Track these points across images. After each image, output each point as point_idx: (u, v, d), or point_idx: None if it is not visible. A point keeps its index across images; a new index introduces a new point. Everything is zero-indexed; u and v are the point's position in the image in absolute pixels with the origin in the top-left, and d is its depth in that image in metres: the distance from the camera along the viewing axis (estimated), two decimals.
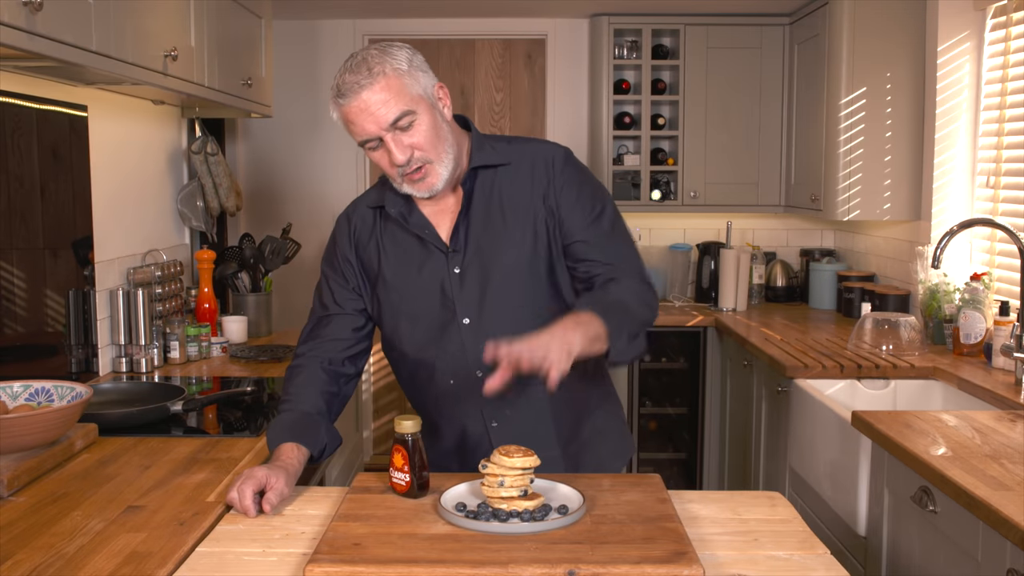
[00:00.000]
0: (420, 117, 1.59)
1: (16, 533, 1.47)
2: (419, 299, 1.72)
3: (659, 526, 1.38)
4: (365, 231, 1.78)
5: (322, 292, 1.82)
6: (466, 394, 1.73)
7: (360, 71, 1.56)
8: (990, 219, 2.87)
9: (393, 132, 1.58)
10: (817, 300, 4.18)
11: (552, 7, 4.24)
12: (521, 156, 1.72)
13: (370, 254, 1.77)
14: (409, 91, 1.58)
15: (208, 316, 3.21)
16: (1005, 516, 1.58)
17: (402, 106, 1.56)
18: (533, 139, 1.80)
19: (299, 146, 4.53)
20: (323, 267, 1.85)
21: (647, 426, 4.27)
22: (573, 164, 1.74)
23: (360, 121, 1.57)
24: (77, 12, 1.83)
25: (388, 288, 1.74)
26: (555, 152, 1.73)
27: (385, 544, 1.32)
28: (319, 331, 1.79)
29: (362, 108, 1.56)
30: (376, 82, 1.55)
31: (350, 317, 1.79)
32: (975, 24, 3.31)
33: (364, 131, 1.58)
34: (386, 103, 1.56)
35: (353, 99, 1.56)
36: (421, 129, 1.59)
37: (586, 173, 1.75)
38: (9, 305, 2.26)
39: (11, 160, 2.25)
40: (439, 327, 1.71)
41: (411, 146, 1.59)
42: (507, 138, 1.78)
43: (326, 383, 1.75)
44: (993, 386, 2.56)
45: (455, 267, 1.70)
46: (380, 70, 1.56)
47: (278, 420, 1.71)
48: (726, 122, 4.22)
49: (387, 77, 1.56)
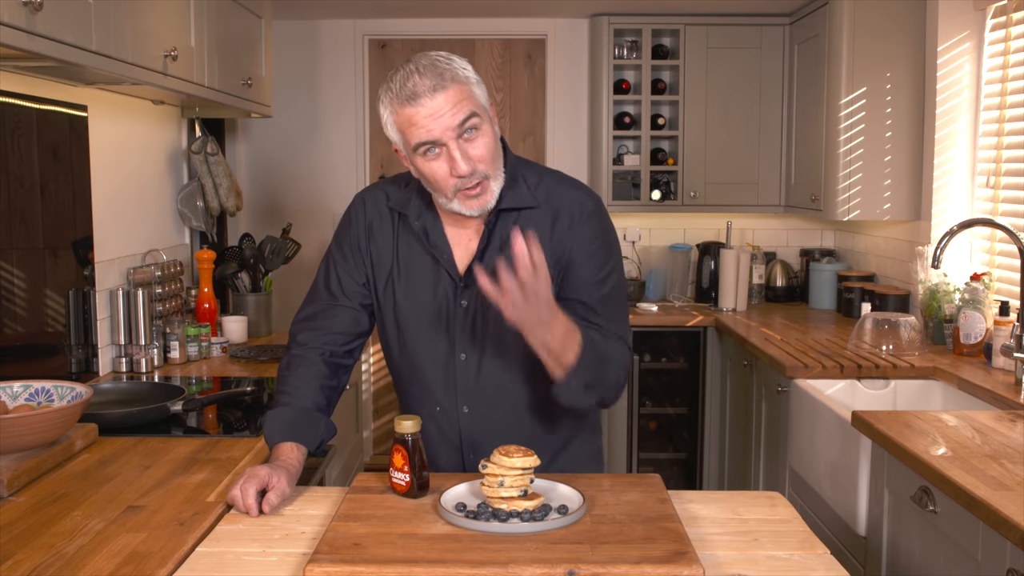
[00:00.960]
0: (484, 127, 1.56)
1: (16, 533, 1.47)
2: (423, 323, 1.70)
3: (659, 526, 1.38)
4: (383, 230, 1.74)
5: (329, 277, 1.77)
6: (448, 425, 1.73)
7: (430, 75, 1.52)
8: (990, 219, 2.87)
9: (458, 140, 1.53)
10: (817, 300, 4.18)
11: (552, 7, 4.24)
12: (549, 199, 1.68)
13: (384, 257, 1.73)
14: (476, 99, 1.55)
15: (208, 316, 3.21)
16: (1005, 516, 1.58)
17: (471, 109, 1.53)
18: (566, 180, 1.73)
19: (299, 146, 4.53)
20: (333, 249, 1.78)
21: (647, 426, 4.27)
22: (598, 219, 1.69)
23: (426, 124, 1.52)
24: (77, 12, 1.83)
25: (396, 301, 1.72)
26: (584, 202, 1.69)
27: (385, 544, 1.32)
28: (322, 321, 1.75)
29: (432, 111, 1.51)
30: (449, 87, 1.52)
31: (356, 312, 1.75)
32: (975, 24, 3.31)
33: (429, 133, 1.52)
34: (456, 105, 1.52)
35: (427, 100, 1.51)
36: (484, 141, 1.56)
37: (607, 229, 1.71)
38: (9, 305, 2.26)
39: (11, 160, 2.25)
40: (435, 355, 1.71)
41: (473, 158, 1.55)
42: (539, 170, 1.72)
43: (326, 376, 1.72)
44: (993, 386, 2.56)
45: (463, 300, 1.68)
46: (452, 76, 1.53)
47: (276, 414, 1.69)
48: (726, 122, 4.22)
49: (458, 83, 1.53)
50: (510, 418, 1.72)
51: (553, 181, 1.71)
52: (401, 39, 4.50)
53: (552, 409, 1.73)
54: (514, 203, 1.65)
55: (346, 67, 4.47)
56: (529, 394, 1.71)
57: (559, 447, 1.80)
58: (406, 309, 1.71)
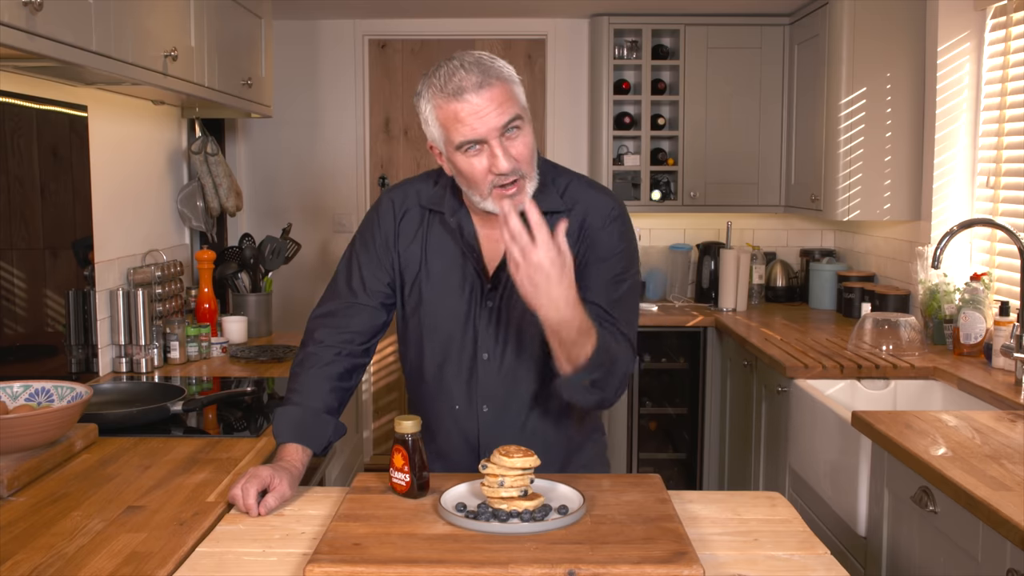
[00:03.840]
0: (525, 128, 1.56)
1: (16, 533, 1.47)
2: (448, 322, 1.70)
3: (659, 526, 1.38)
4: (412, 226, 1.73)
5: (351, 274, 1.75)
6: (467, 425, 1.73)
7: (476, 72, 1.51)
8: (990, 219, 2.87)
9: (501, 138, 1.53)
10: (817, 300, 4.18)
11: (552, 7, 4.24)
12: (576, 203, 1.68)
13: (412, 256, 1.72)
14: (519, 99, 1.56)
15: (208, 316, 3.21)
16: (1005, 516, 1.58)
17: (516, 109, 1.53)
18: (593, 184, 1.74)
19: (299, 146, 4.53)
20: (357, 246, 1.77)
21: (647, 426, 4.27)
22: (620, 224, 1.69)
23: (471, 121, 1.51)
24: (77, 12, 1.83)
25: (422, 300, 1.71)
26: (609, 208, 1.69)
27: (385, 544, 1.32)
28: (341, 319, 1.73)
29: (477, 108, 1.50)
30: (495, 85, 1.51)
31: (375, 311, 1.74)
32: (975, 24, 3.31)
33: (474, 132, 1.51)
34: (502, 104, 1.52)
35: (472, 96, 1.50)
36: (525, 140, 1.56)
37: (629, 236, 1.71)
38: (9, 305, 2.26)
39: (11, 160, 2.25)
40: (458, 353, 1.70)
41: (515, 156, 1.55)
42: (567, 174, 1.73)
43: (339, 377, 1.71)
44: (993, 386, 2.56)
45: (488, 302, 1.68)
46: (497, 74, 1.53)
47: (286, 412, 1.67)
48: (726, 122, 4.22)
49: (503, 82, 1.53)
50: (528, 419, 1.72)
51: (581, 185, 1.71)
52: (401, 39, 4.50)
53: (569, 411, 1.74)
54: (544, 207, 1.63)
55: (346, 67, 4.47)
56: (548, 396, 1.71)
57: (574, 449, 1.80)
58: (432, 308, 1.71)
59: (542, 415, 1.73)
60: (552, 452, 1.73)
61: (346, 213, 4.54)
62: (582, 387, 1.56)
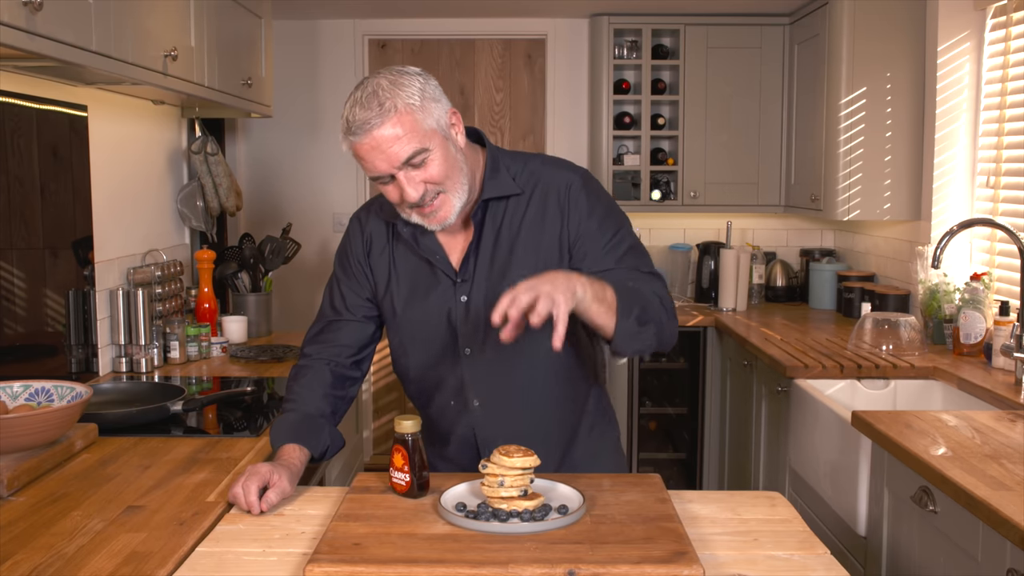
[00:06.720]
0: (434, 153, 1.52)
1: (16, 533, 1.47)
2: (426, 324, 1.71)
3: (659, 526, 1.38)
4: (379, 241, 1.75)
5: (333, 294, 1.80)
6: (464, 419, 1.74)
7: (371, 106, 1.48)
8: (990, 219, 2.87)
9: (406, 170, 1.52)
10: (817, 300, 4.18)
11: (552, 7, 4.24)
12: (535, 184, 1.67)
13: (381, 268, 1.75)
14: (422, 126, 1.50)
15: (208, 316, 3.21)
16: (1005, 516, 1.58)
17: (415, 144, 1.50)
18: (550, 160, 1.72)
19: (299, 146, 4.53)
20: (336, 269, 1.81)
21: (647, 426, 4.27)
22: (589, 190, 1.68)
23: (371, 159, 1.50)
24: (77, 12, 1.83)
25: (396, 309, 1.73)
26: (571, 180, 1.67)
27: (385, 544, 1.32)
28: (327, 335, 1.78)
29: (373, 146, 1.49)
30: (387, 119, 1.47)
31: (359, 324, 1.77)
32: (975, 24, 3.31)
33: (375, 168, 1.52)
34: (398, 141, 1.48)
35: (364, 136, 1.48)
36: (435, 163, 1.53)
37: (601, 199, 1.69)
38: (9, 305, 2.26)
39: (11, 160, 2.25)
40: (441, 353, 1.71)
41: (424, 181, 1.54)
42: (523, 157, 1.72)
43: (331, 385, 1.74)
44: (993, 386, 2.56)
45: (462, 295, 1.68)
46: (391, 105, 1.48)
47: (282, 420, 1.71)
48: (726, 122, 4.22)
49: (399, 113, 1.48)
50: (523, 411, 1.72)
51: (537, 164, 1.71)
52: (401, 39, 4.50)
53: (564, 401, 1.75)
54: (496, 192, 1.65)
55: (346, 67, 4.47)
56: (539, 386, 1.72)
57: (573, 439, 1.80)
58: (408, 315, 1.72)
59: (537, 406, 1.73)
60: (552, 444, 1.74)
61: (346, 213, 4.54)
62: (635, 332, 1.54)
